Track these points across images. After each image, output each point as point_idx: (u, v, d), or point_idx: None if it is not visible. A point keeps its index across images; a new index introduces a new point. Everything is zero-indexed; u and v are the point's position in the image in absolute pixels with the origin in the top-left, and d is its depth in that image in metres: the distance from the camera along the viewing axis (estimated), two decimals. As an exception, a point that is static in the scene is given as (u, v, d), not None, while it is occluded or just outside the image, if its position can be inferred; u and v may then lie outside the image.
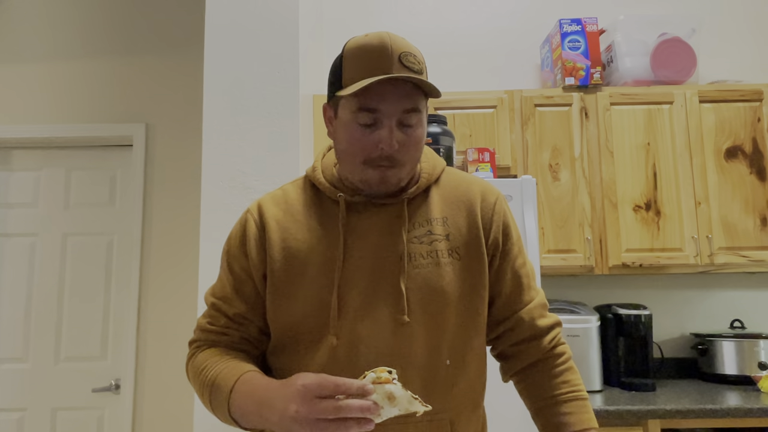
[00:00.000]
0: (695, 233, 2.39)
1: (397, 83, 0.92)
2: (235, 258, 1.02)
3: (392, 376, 0.76)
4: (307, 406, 0.74)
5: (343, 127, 0.95)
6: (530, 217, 1.99)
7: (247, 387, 0.87)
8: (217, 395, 0.90)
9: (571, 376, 1.02)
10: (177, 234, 2.80)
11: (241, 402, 0.86)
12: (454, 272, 0.96)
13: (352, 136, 0.94)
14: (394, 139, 0.92)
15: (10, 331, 2.77)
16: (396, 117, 0.92)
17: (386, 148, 0.92)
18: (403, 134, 0.93)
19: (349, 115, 0.94)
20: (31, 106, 2.91)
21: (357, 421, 0.73)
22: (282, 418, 0.77)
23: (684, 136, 2.46)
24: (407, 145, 0.94)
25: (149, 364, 2.70)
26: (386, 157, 0.93)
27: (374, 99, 0.91)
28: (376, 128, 0.93)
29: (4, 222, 2.85)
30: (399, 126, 0.93)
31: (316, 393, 0.75)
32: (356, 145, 0.94)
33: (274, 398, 0.81)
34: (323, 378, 0.76)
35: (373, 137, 0.93)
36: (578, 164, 2.45)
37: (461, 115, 2.50)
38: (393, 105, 0.92)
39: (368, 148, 0.93)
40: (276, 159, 1.96)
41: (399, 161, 0.94)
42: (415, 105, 0.93)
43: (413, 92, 0.93)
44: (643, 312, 2.38)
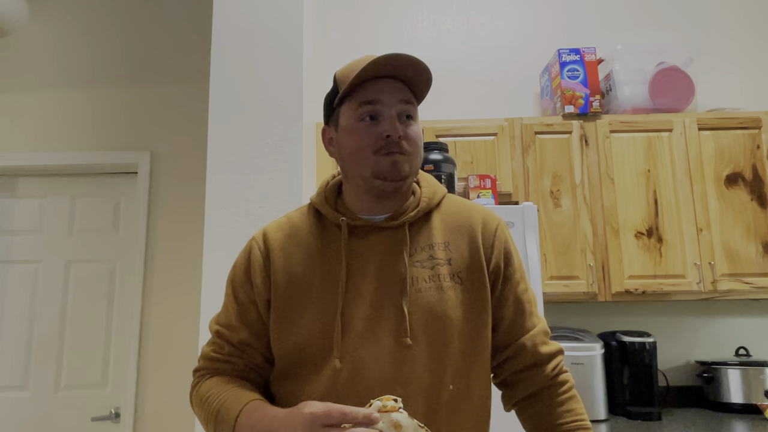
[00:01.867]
0: (697, 260, 2.39)
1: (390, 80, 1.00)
2: (240, 285, 1.03)
3: (398, 405, 0.76)
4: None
5: (347, 131, 1.00)
6: (532, 243, 1.99)
7: (252, 416, 0.87)
8: (222, 425, 0.90)
9: (574, 405, 1.01)
10: (180, 261, 2.81)
11: (247, 430, 0.86)
12: (456, 296, 0.97)
13: (357, 134, 0.99)
14: (397, 125, 0.98)
15: (11, 359, 2.75)
16: (395, 108, 0.99)
17: (393, 133, 0.97)
18: (405, 126, 1.00)
19: (352, 116, 1.00)
20: (37, 134, 2.95)
21: None
22: None
23: (684, 163, 2.48)
24: (410, 137, 1.00)
25: (150, 392, 2.68)
26: (394, 143, 0.97)
27: (372, 92, 0.99)
28: (379, 122, 0.99)
29: (7, 249, 2.87)
30: (399, 118, 0.99)
31: (323, 421, 0.75)
32: (363, 139, 0.98)
33: (280, 427, 0.80)
34: (330, 406, 0.76)
35: (378, 128, 0.98)
36: (579, 191, 2.46)
37: (462, 142, 2.53)
38: (391, 95, 0.99)
39: (375, 138, 0.98)
40: (279, 187, 1.98)
41: (405, 150, 0.98)
42: (409, 97, 1.01)
43: (407, 90, 1.02)
44: (647, 339, 2.36)
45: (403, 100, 1.00)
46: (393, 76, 1.00)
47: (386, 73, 0.99)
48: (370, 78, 0.99)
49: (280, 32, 2.14)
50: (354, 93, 1.00)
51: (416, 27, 3.03)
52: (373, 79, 0.99)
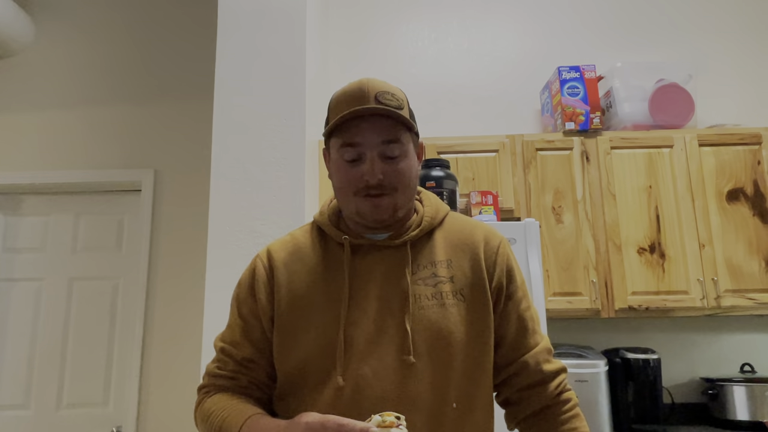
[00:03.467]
0: (700, 276, 2.39)
1: (373, 119, 0.98)
2: (244, 302, 1.04)
3: (399, 422, 0.76)
4: None
5: (334, 167, 1.02)
6: (534, 259, 2.00)
7: (253, 429, 0.87)
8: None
9: (577, 424, 1.00)
10: (183, 279, 2.81)
11: None
12: (459, 314, 0.97)
13: (340, 172, 1.00)
14: (376, 169, 0.97)
15: (13, 377, 2.75)
16: (377, 149, 0.98)
17: (370, 179, 0.97)
18: (387, 165, 0.98)
19: (336, 153, 1.01)
20: (41, 153, 2.98)
21: None
22: None
23: (685, 178, 2.49)
24: (392, 174, 0.98)
25: (151, 410, 2.67)
26: (373, 186, 0.97)
27: (353, 134, 0.98)
28: (360, 162, 0.98)
29: (11, 267, 2.87)
30: (382, 158, 0.98)
31: None
32: (344, 179, 0.99)
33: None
34: (327, 418, 0.76)
35: (358, 170, 0.98)
36: (581, 207, 2.47)
37: (464, 159, 2.54)
38: (371, 137, 0.98)
39: (354, 180, 0.98)
40: (282, 204, 1.99)
41: (388, 188, 0.98)
42: (395, 137, 0.98)
43: (392, 126, 0.99)
44: (651, 356, 2.35)
45: (385, 140, 0.98)
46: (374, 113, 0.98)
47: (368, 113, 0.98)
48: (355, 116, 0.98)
49: (283, 51, 2.16)
50: (338, 131, 1.00)
51: (417, 45, 3.07)
52: (356, 117, 0.98)
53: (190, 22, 3.12)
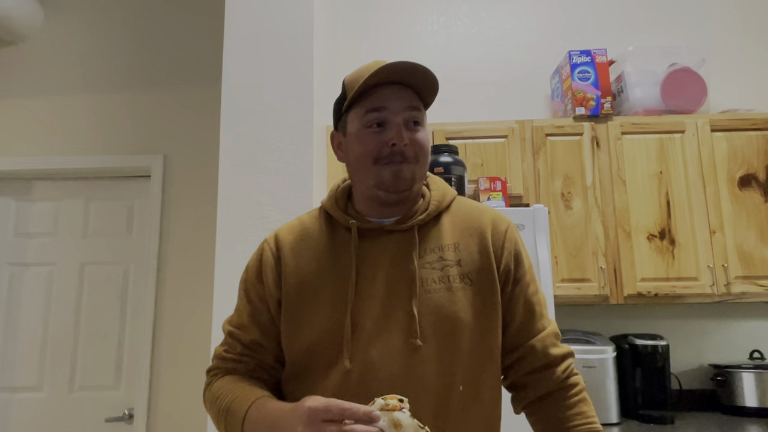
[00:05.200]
0: (711, 262, 2.37)
1: (396, 87, 1.00)
2: (252, 286, 1.04)
3: (403, 405, 0.76)
4: (312, 429, 0.75)
5: (354, 138, 1.01)
6: (543, 245, 1.99)
7: (260, 411, 0.88)
8: (232, 421, 0.91)
9: (584, 408, 1.00)
10: (192, 263, 2.83)
11: (254, 427, 0.88)
12: (466, 297, 0.97)
13: (363, 142, 1.00)
14: (404, 133, 0.98)
15: (26, 360, 2.79)
16: (402, 114, 0.99)
17: (397, 142, 0.98)
18: (411, 132, 1.00)
19: (358, 123, 1.01)
20: (52, 138, 2.99)
21: None
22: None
23: (696, 164, 2.46)
24: (415, 143, 1.00)
25: (162, 393, 2.70)
26: (398, 152, 0.98)
27: (380, 99, 0.99)
28: (385, 129, 0.99)
29: (23, 252, 2.91)
30: (406, 124, 1.00)
31: (322, 416, 0.75)
32: (368, 146, 0.99)
33: (283, 421, 0.82)
34: (330, 401, 0.77)
35: (383, 136, 0.99)
36: (590, 193, 2.46)
37: (472, 144, 2.53)
38: (398, 102, 0.99)
39: (379, 147, 0.99)
40: (290, 190, 1.99)
41: (410, 157, 0.99)
42: (417, 103, 1.01)
43: (414, 96, 1.02)
44: (660, 342, 2.34)
45: (410, 106, 1.00)
46: (399, 82, 1.00)
47: (392, 80, 0.99)
48: (377, 84, 0.99)
49: (291, 36, 2.15)
50: (361, 100, 1.01)
51: (426, 30, 3.04)
52: (380, 85, 1.00)
53: (198, 7, 3.11)
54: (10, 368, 2.78)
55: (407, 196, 1.02)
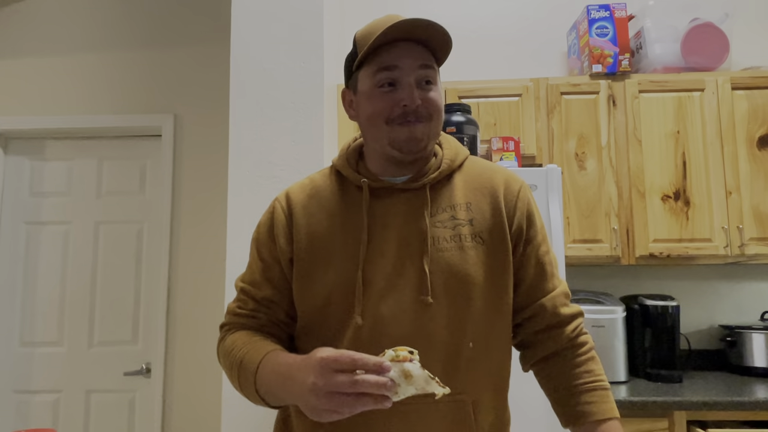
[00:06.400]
0: (725, 223, 2.35)
1: (409, 44, 0.97)
2: (264, 244, 1.05)
3: (413, 356, 0.77)
4: (324, 379, 0.76)
5: (365, 97, 1.00)
6: (555, 206, 1.98)
7: (272, 364, 0.90)
8: (245, 374, 0.93)
9: (593, 366, 1.01)
10: (205, 222, 2.86)
11: (266, 379, 0.89)
12: (477, 256, 0.98)
13: (374, 102, 0.98)
14: (415, 93, 0.96)
15: (46, 316, 2.86)
16: (414, 74, 0.97)
17: (409, 103, 0.96)
18: (424, 91, 0.98)
19: (369, 82, 0.99)
20: (63, 98, 2.99)
21: (373, 398, 0.74)
22: (301, 391, 0.79)
23: (715, 124, 2.41)
24: (428, 101, 0.98)
25: (178, 348, 2.77)
26: (411, 112, 0.97)
27: (391, 57, 0.97)
28: (396, 89, 0.97)
29: (39, 210, 2.94)
30: (418, 84, 0.98)
31: (333, 366, 0.76)
32: (379, 107, 0.98)
33: (294, 372, 0.83)
34: (341, 352, 0.77)
35: (394, 97, 0.97)
36: (605, 153, 2.42)
37: (485, 103, 2.49)
38: (410, 60, 0.97)
39: (390, 107, 0.97)
40: (301, 148, 1.98)
41: (423, 116, 0.98)
42: (430, 62, 0.99)
43: (426, 52, 0.99)
44: (670, 303, 2.35)
45: (423, 65, 0.98)
46: (412, 39, 0.97)
47: (404, 37, 0.97)
48: (389, 42, 0.97)
49: (301, -9, 2.10)
50: (372, 57, 0.98)
51: (440, -16, 2.95)
52: (391, 42, 0.97)
53: (206, -39, 3.03)
54: (31, 324, 2.86)
55: (421, 156, 1.01)
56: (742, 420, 1.99)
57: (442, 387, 0.77)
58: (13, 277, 2.90)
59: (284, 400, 0.87)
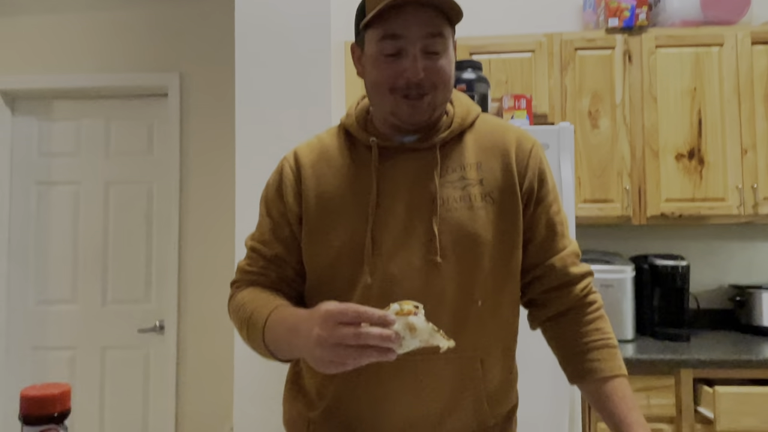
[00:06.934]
0: (740, 183, 2.31)
1: (417, 10, 0.92)
2: (273, 203, 1.05)
3: (418, 310, 0.77)
4: (328, 331, 0.76)
5: (370, 60, 0.97)
6: (567, 165, 1.95)
7: (279, 318, 0.90)
8: (254, 329, 0.94)
9: (601, 324, 1.02)
10: (214, 181, 2.86)
11: (273, 332, 0.90)
12: (487, 216, 0.97)
13: (377, 68, 0.95)
14: (419, 66, 0.92)
15: (59, 275, 2.91)
16: (420, 43, 0.92)
17: (411, 76, 0.93)
18: (429, 61, 0.93)
19: (374, 47, 0.95)
20: (69, 56, 2.95)
21: (378, 350, 0.75)
22: (306, 343, 0.79)
23: (733, 80, 2.34)
24: (434, 72, 0.94)
25: (191, 305, 2.82)
26: (414, 85, 0.93)
27: (396, 24, 0.92)
28: (401, 57, 0.93)
29: (48, 171, 2.95)
30: (424, 54, 0.93)
31: (338, 319, 0.76)
32: (382, 75, 0.95)
33: (300, 324, 0.83)
34: (346, 306, 0.77)
35: (398, 66, 0.93)
36: (619, 111, 2.37)
37: (497, 60, 2.43)
38: (416, 29, 0.92)
39: (393, 77, 0.94)
40: (308, 107, 1.96)
41: (428, 87, 0.94)
42: (439, 30, 0.93)
43: (436, 17, 0.93)
44: (680, 263, 2.34)
45: (429, 33, 0.92)
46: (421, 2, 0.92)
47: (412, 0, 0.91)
48: (398, 5, 0.91)
49: (307, -58, 2.03)
50: (379, 21, 0.93)
51: (451, -66, 2.84)
52: (399, 6, 0.92)
53: None
54: (44, 282, 2.91)
55: (426, 125, 0.99)
56: (748, 378, 2.00)
57: (447, 340, 0.78)
58: (26, 236, 2.93)
59: (291, 352, 0.88)
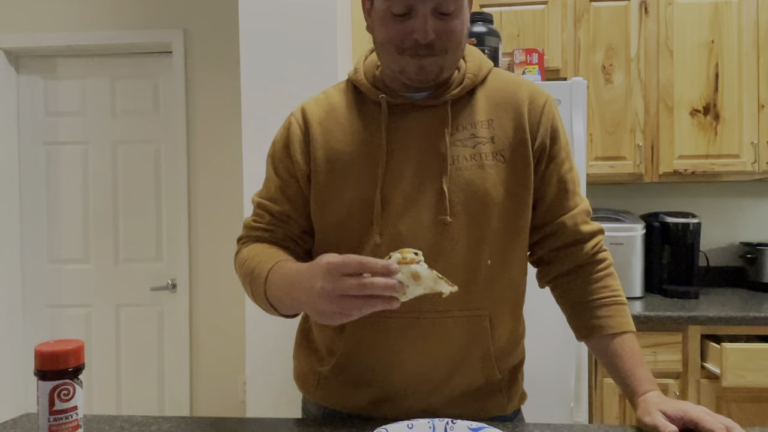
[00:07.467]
0: (755, 138, 2.26)
1: None
2: (280, 160, 1.03)
3: (418, 258, 0.77)
4: (332, 283, 0.76)
5: (379, 18, 0.94)
6: (579, 122, 1.91)
7: (280, 271, 0.90)
8: (257, 283, 0.94)
9: (610, 282, 1.01)
10: (221, 139, 2.85)
11: (275, 286, 0.90)
12: (498, 175, 0.95)
13: (386, 27, 0.92)
14: (429, 27, 0.89)
15: (71, 234, 2.94)
16: (431, 3, 0.89)
17: (420, 38, 0.90)
18: (441, 22, 0.90)
19: (383, 3, 0.91)
20: (71, 13, 2.90)
21: (382, 300, 0.75)
22: (309, 296, 0.79)
23: (752, 32, 2.26)
24: (445, 34, 0.91)
25: (202, 263, 2.85)
26: (423, 45, 0.90)
27: None
28: (410, 17, 0.90)
29: (56, 130, 2.94)
30: (435, 14, 0.90)
31: (341, 270, 0.76)
32: (390, 34, 0.92)
33: (302, 278, 0.83)
34: (348, 257, 0.77)
35: (407, 26, 0.90)
36: (634, 65, 2.31)
37: (508, 12, 2.36)
38: None
39: (401, 37, 0.91)
40: (314, 63, 1.92)
41: (438, 49, 0.91)
42: None
43: None
44: (691, 220, 2.32)
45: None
46: None
47: None
48: None
49: None
50: None
51: None
52: None
53: None
54: (57, 242, 2.94)
55: (435, 84, 0.97)
56: (756, 335, 2.01)
57: (450, 285, 0.78)
58: (37, 196, 2.95)
59: (293, 307, 0.88)
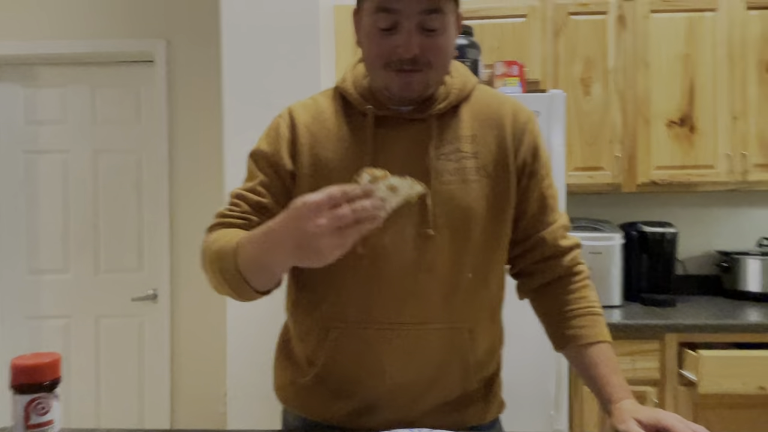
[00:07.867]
0: (730, 150, 2.32)
1: None
2: (264, 158, 1.01)
3: (386, 172, 0.80)
4: (327, 218, 0.74)
5: (366, 33, 0.95)
6: (558, 134, 1.95)
7: (250, 236, 0.86)
8: (225, 257, 0.88)
9: (587, 293, 1.04)
10: (202, 149, 2.83)
11: (249, 252, 0.85)
12: (481, 190, 0.97)
13: (371, 41, 0.93)
14: (413, 42, 0.90)
15: (50, 244, 2.89)
16: (416, 19, 0.90)
17: (404, 53, 0.90)
18: (425, 38, 0.91)
19: (369, 18, 0.93)
20: (53, 21, 2.87)
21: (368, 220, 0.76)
22: (301, 238, 0.76)
23: (726, 46, 2.33)
24: (429, 49, 0.92)
25: (183, 274, 2.83)
26: (408, 60, 0.91)
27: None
28: (395, 32, 0.91)
29: (35, 139, 2.91)
30: (420, 30, 0.91)
31: (330, 204, 0.75)
32: (375, 49, 0.93)
33: (282, 227, 0.79)
34: (328, 190, 0.75)
35: (391, 41, 0.91)
36: (612, 77, 2.35)
37: (489, 25, 2.39)
38: (412, 3, 0.89)
39: (386, 52, 0.92)
40: (297, 74, 1.93)
41: (422, 64, 0.92)
42: (437, 6, 0.90)
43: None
44: (668, 230, 2.36)
45: (427, 9, 0.89)
46: None
47: None
48: None
49: None
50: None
51: None
52: None
53: None
54: (36, 251, 2.90)
55: (419, 100, 0.98)
56: (731, 342, 2.05)
57: (420, 185, 0.81)
58: (16, 206, 2.90)
59: (272, 265, 0.83)
